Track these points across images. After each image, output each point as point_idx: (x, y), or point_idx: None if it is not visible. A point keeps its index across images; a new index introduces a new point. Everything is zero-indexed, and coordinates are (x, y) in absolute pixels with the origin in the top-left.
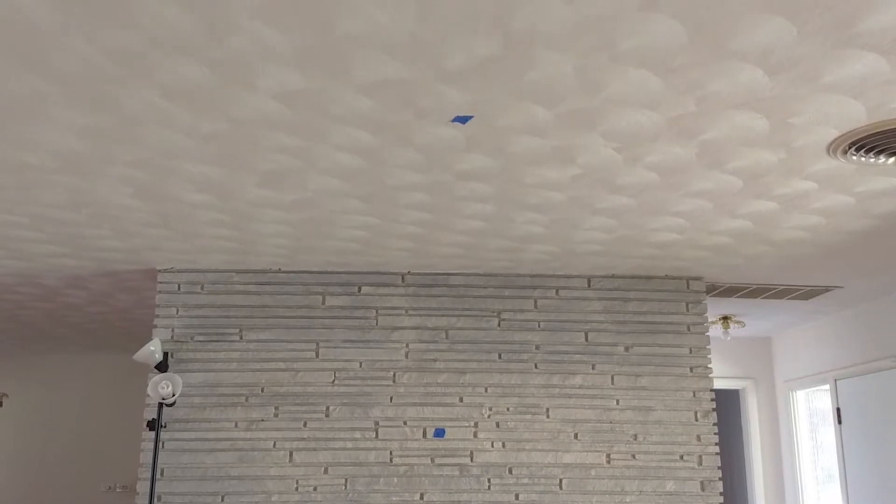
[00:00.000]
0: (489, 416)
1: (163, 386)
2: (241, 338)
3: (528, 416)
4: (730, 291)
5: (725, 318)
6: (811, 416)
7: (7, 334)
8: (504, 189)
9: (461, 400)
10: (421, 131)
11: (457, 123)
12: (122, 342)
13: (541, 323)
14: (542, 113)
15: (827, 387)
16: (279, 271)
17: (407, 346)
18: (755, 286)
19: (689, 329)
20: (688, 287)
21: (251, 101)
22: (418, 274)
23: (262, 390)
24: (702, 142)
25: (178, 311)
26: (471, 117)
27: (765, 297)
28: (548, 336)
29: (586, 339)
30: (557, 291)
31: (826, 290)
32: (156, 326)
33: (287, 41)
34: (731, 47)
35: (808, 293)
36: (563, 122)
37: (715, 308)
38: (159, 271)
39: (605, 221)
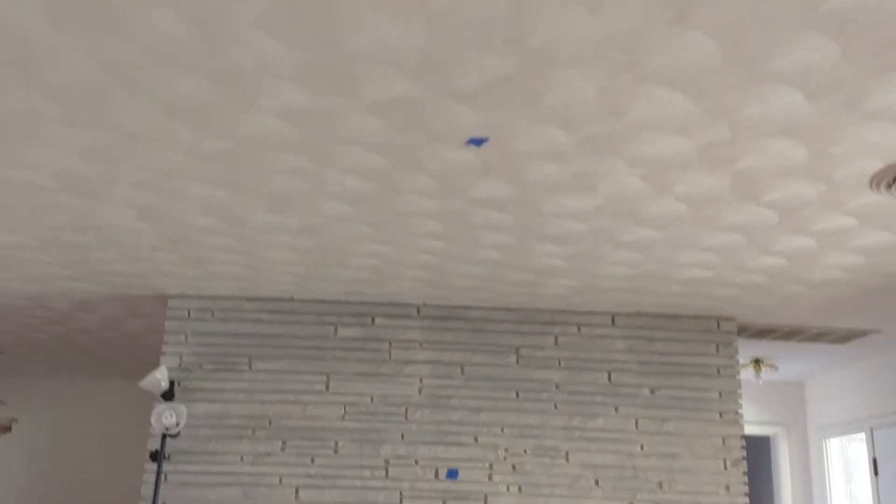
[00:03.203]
0: (505, 458)
1: (166, 416)
2: (250, 367)
3: (547, 460)
4: (762, 333)
5: (757, 362)
6: (846, 466)
7: (19, 358)
8: (522, 218)
9: (476, 440)
10: (434, 154)
11: (472, 146)
12: (135, 368)
13: (561, 361)
14: (563, 137)
15: (863, 436)
16: (291, 299)
17: (421, 381)
18: (789, 328)
19: (718, 372)
20: (718, 327)
21: (255, 120)
22: (434, 306)
23: (270, 423)
24: (735, 172)
25: (187, 338)
26: (486, 140)
27: (799, 340)
28: (569, 375)
29: (609, 380)
30: (579, 328)
31: (863, 333)
32: (164, 353)
33: (292, 57)
34: (769, 68)
35: (845, 336)
36: (585, 146)
37: (746, 350)
38: (169, 297)
39: (629, 255)
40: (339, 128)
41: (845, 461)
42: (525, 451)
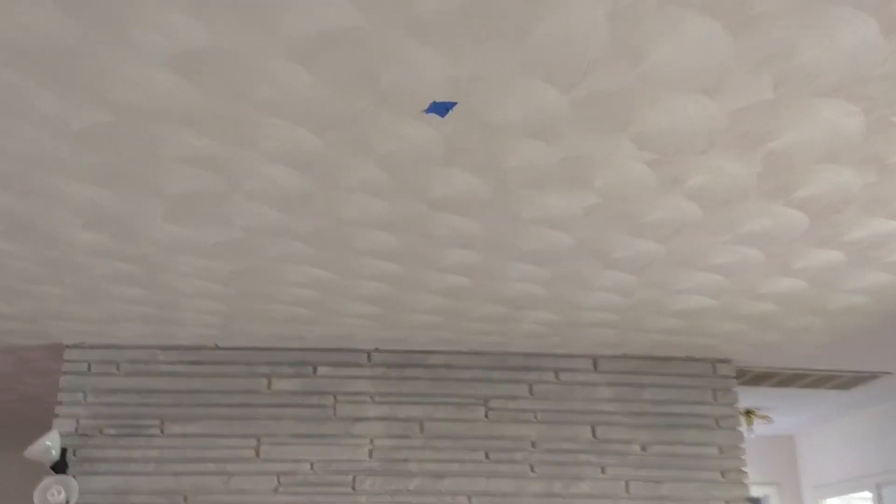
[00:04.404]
0: None
1: (53, 493)
2: (162, 431)
3: None
4: (759, 379)
5: (749, 413)
6: None
7: None
8: (493, 226)
9: None
10: (383, 130)
11: (433, 115)
12: (36, 437)
13: (538, 414)
14: (554, 97)
15: (868, 494)
16: (216, 347)
17: (372, 442)
18: (791, 372)
19: (717, 423)
20: (714, 371)
21: (138, 74)
22: (388, 351)
23: (185, 499)
24: (769, 153)
25: (86, 396)
26: (453, 105)
27: (799, 386)
28: (546, 430)
29: (594, 435)
30: (557, 374)
31: (872, 377)
32: (57, 416)
33: None
34: None
35: (851, 381)
36: (582, 113)
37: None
38: (66, 346)
39: (621, 279)
40: (256, 85)
41: None
42: None
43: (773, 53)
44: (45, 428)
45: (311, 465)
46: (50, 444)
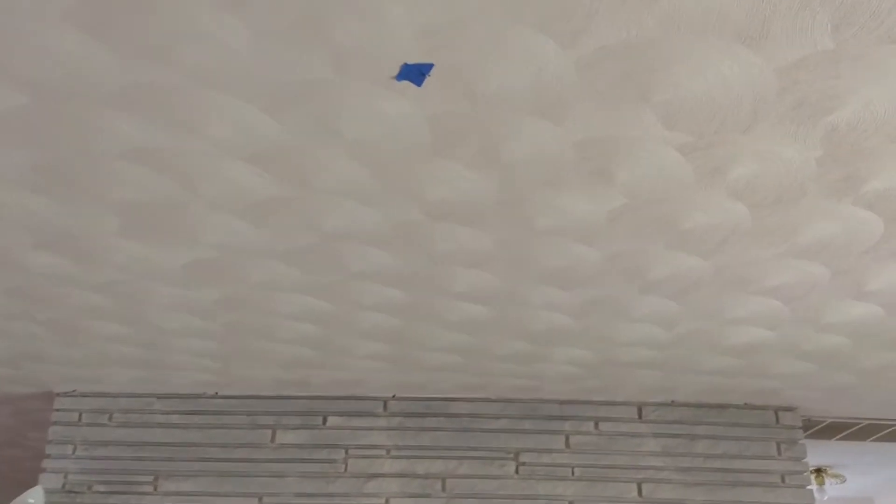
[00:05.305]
0: None
1: None
2: (155, 489)
3: None
4: (831, 430)
5: (819, 471)
6: None
7: None
8: (506, 239)
9: None
10: (350, 106)
11: (406, 83)
12: None
13: (575, 469)
14: (553, 53)
15: None
16: (216, 395)
17: (387, 502)
18: (868, 422)
19: (783, 481)
20: (777, 421)
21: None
22: (405, 399)
23: None
24: (830, 128)
25: (75, 449)
26: (429, 68)
27: (879, 440)
28: (586, 488)
29: (640, 494)
30: (597, 424)
31: None
32: (44, 470)
33: None
34: None
35: None
36: (591, 75)
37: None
38: (56, 395)
39: (661, 306)
40: (181, 44)
41: None
42: None
43: None
44: None
45: None
46: (32, 502)
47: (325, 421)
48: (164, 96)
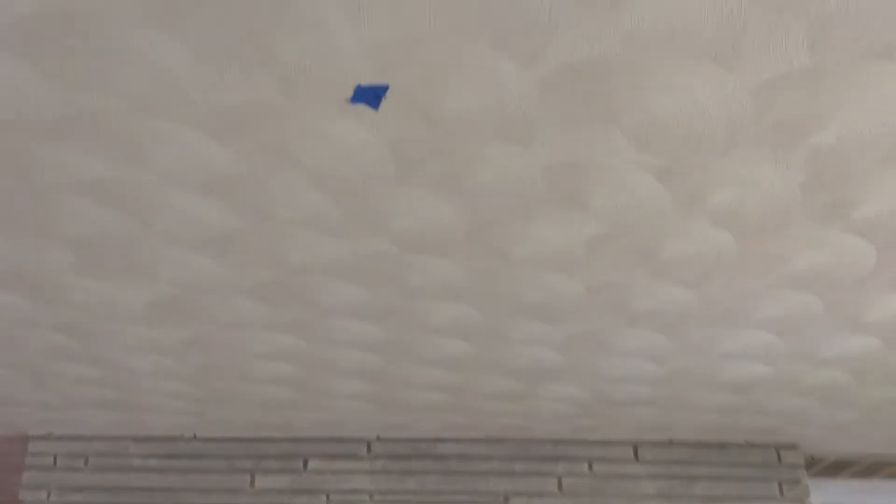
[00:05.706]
0: None
1: None
2: None
3: None
4: (835, 469)
5: None
6: None
7: None
8: (481, 271)
9: None
10: (303, 131)
11: (360, 106)
12: None
13: None
14: (513, 73)
15: None
16: (194, 438)
17: None
18: (872, 459)
19: None
20: (779, 460)
21: None
22: (390, 440)
23: None
24: (813, 154)
25: (49, 495)
26: (385, 90)
27: (885, 477)
28: None
29: None
30: (591, 465)
31: None
32: None
33: None
34: None
35: None
36: (556, 97)
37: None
38: (32, 437)
39: (649, 339)
40: (123, 74)
41: None
42: None
43: None
44: None
45: None
46: None
47: (305, 464)
48: (105, 125)
